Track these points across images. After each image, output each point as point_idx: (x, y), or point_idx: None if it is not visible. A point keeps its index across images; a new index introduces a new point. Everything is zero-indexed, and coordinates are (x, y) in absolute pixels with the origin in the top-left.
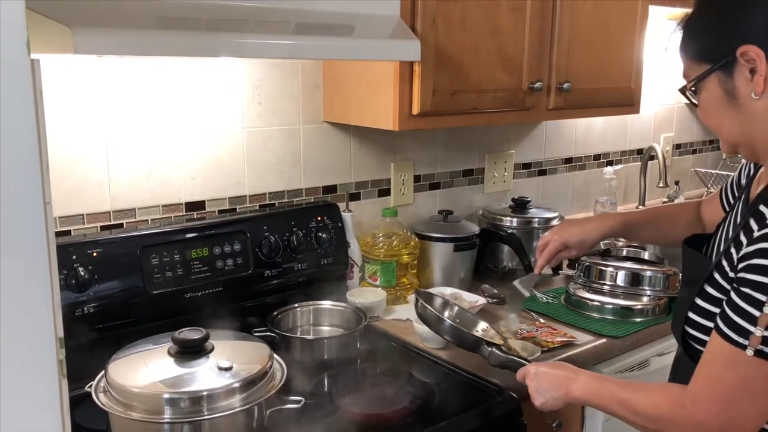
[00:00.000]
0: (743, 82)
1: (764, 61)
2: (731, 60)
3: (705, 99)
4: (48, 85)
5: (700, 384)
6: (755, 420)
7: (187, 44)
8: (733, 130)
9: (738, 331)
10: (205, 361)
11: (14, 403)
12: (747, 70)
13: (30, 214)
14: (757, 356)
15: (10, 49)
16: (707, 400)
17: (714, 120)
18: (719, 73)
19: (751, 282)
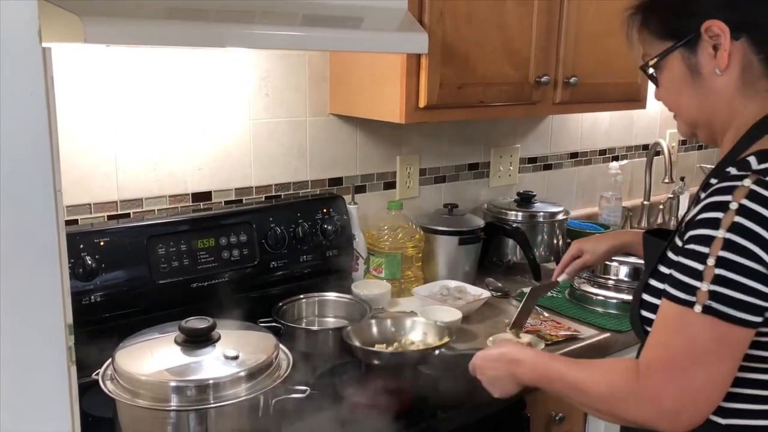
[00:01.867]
0: (707, 58)
1: (728, 36)
2: (695, 36)
3: (666, 77)
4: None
5: (651, 353)
6: (707, 388)
7: (195, 35)
8: (693, 108)
9: (685, 289)
10: (211, 350)
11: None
12: (710, 46)
13: (41, 202)
14: (705, 313)
15: (22, 38)
16: (659, 370)
17: (674, 98)
18: (683, 49)
19: (695, 237)
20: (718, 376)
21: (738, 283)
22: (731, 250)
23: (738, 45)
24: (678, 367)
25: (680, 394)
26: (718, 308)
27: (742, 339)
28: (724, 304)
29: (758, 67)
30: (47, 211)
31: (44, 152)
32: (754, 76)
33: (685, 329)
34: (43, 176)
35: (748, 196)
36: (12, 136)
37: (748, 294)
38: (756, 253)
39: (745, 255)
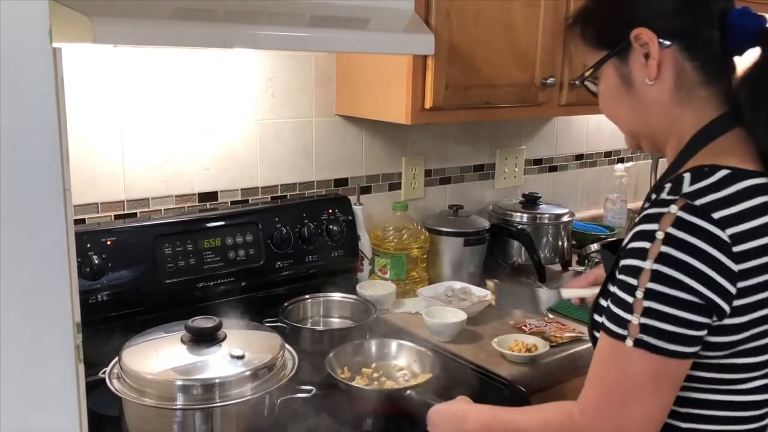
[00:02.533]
0: (638, 67)
1: (656, 44)
2: (626, 45)
3: (603, 87)
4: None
5: (587, 389)
6: (643, 423)
7: (203, 35)
8: (631, 118)
9: (617, 322)
10: (217, 349)
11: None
12: (641, 55)
13: (50, 201)
14: (636, 347)
15: (33, 38)
16: (593, 406)
17: (611, 109)
18: (615, 59)
19: (625, 268)
20: (654, 410)
21: (667, 314)
22: (659, 281)
23: (669, 52)
24: (613, 403)
25: (618, 428)
26: (648, 341)
27: (676, 371)
28: (655, 337)
29: (693, 75)
30: (56, 210)
31: (54, 152)
32: (689, 83)
33: (618, 364)
34: (53, 175)
35: (674, 223)
36: (22, 136)
37: (679, 325)
38: (685, 283)
39: (674, 286)
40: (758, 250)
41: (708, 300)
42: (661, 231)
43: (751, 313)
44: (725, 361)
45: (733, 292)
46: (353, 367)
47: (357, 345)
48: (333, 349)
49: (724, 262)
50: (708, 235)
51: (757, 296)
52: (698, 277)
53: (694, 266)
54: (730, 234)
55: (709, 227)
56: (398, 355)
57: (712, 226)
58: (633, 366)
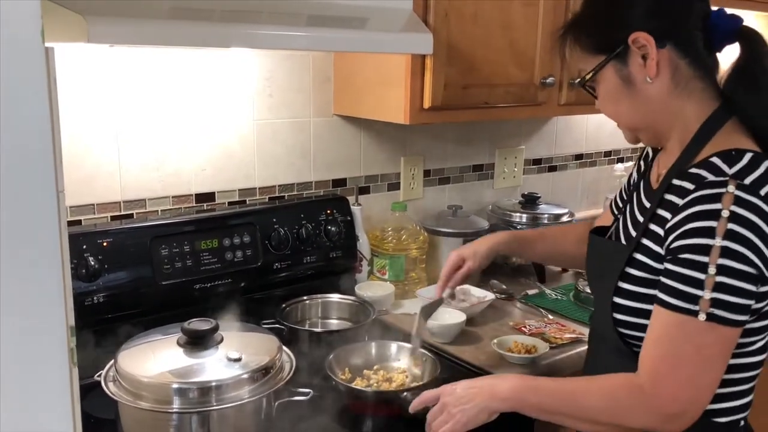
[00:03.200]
0: (637, 68)
1: (654, 45)
2: (624, 48)
3: (603, 89)
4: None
5: (657, 363)
6: (713, 388)
7: (199, 35)
8: (632, 115)
9: (685, 298)
10: (214, 351)
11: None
12: (639, 56)
13: (43, 203)
14: (709, 320)
15: (25, 37)
16: (668, 379)
17: (613, 108)
18: (615, 62)
19: (689, 246)
20: (719, 376)
21: (736, 288)
22: (730, 257)
23: (664, 52)
24: (687, 375)
25: (692, 398)
26: (720, 314)
27: (735, 338)
28: (726, 310)
29: (687, 70)
30: (49, 212)
31: (47, 153)
32: (685, 78)
33: (690, 338)
34: (46, 177)
35: (736, 202)
36: (14, 137)
37: (744, 297)
38: (748, 257)
39: (742, 260)
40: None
41: (760, 271)
42: (726, 210)
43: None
44: (748, 326)
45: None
46: (353, 369)
47: (357, 347)
48: (332, 351)
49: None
50: (761, 212)
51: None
52: (757, 251)
53: (754, 242)
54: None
55: (761, 204)
56: (398, 357)
57: (762, 203)
58: (706, 339)
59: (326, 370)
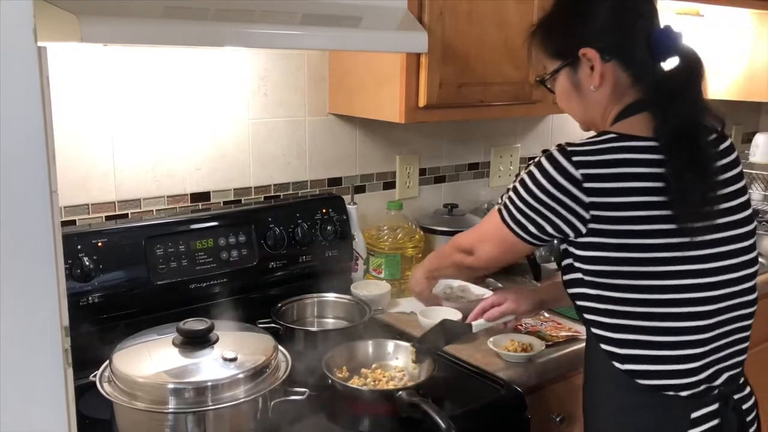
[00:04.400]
0: (585, 76)
1: (598, 60)
2: (576, 59)
3: (559, 88)
4: (54, 75)
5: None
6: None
7: (193, 34)
8: (580, 113)
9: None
10: (209, 351)
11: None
12: (588, 67)
13: (36, 203)
14: (498, 212)
15: (17, 37)
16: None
17: (565, 104)
18: (567, 69)
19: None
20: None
21: (516, 204)
22: (520, 184)
23: (609, 65)
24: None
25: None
26: (503, 213)
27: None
28: (506, 214)
29: (627, 80)
30: (43, 213)
31: (39, 153)
32: (624, 86)
33: (491, 216)
34: (39, 177)
35: (546, 156)
36: (7, 137)
37: (521, 215)
38: (534, 192)
39: (526, 190)
40: (617, 190)
41: (559, 215)
42: (539, 158)
43: (622, 238)
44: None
45: (587, 216)
46: (349, 368)
47: (353, 346)
48: (329, 351)
49: (575, 192)
50: (562, 170)
51: (624, 226)
52: (548, 194)
53: (545, 186)
54: (583, 173)
55: (565, 164)
56: (395, 356)
57: (569, 165)
58: (493, 223)
59: (322, 370)
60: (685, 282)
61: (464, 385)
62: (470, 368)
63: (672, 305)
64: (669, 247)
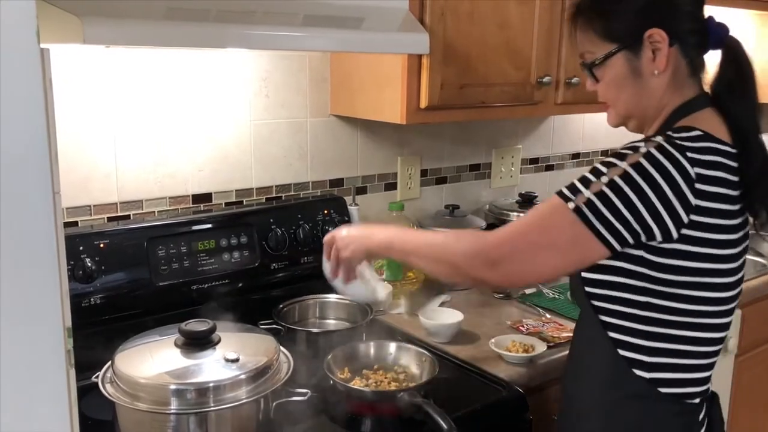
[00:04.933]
0: (646, 61)
1: (667, 43)
2: (638, 41)
3: (609, 75)
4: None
5: (509, 225)
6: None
7: (195, 35)
8: (631, 103)
9: (571, 189)
10: (211, 352)
11: (22, 392)
12: (650, 51)
13: (39, 204)
14: (575, 212)
15: (20, 38)
16: (509, 232)
17: (614, 94)
18: (626, 52)
19: (603, 161)
20: (553, 266)
21: (615, 206)
22: (625, 180)
23: (672, 50)
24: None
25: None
26: (586, 214)
27: (590, 251)
28: (594, 215)
29: (685, 69)
30: (45, 214)
31: (42, 154)
32: (682, 75)
33: (550, 215)
34: (41, 178)
35: (656, 146)
36: (9, 138)
37: (619, 220)
38: (645, 193)
39: (635, 190)
40: (719, 196)
41: (658, 217)
42: (644, 148)
43: (704, 247)
44: (686, 291)
45: (685, 221)
46: (351, 369)
47: (355, 347)
48: (330, 352)
49: (685, 191)
50: (679, 166)
51: (712, 235)
52: (659, 194)
53: (659, 184)
54: (696, 172)
55: (681, 160)
56: (397, 357)
57: (684, 160)
58: (561, 223)
59: (324, 371)
60: (720, 295)
61: (466, 386)
62: (472, 369)
63: (705, 316)
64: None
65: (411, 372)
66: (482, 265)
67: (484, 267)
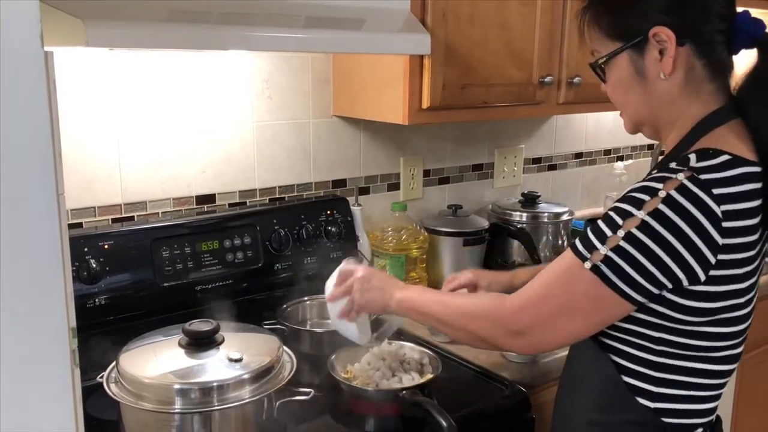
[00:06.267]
0: (652, 62)
1: (674, 43)
2: (643, 40)
3: (615, 75)
4: (60, 79)
5: (529, 288)
6: (561, 337)
7: (198, 37)
8: (639, 107)
9: (586, 245)
10: (215, 352)
11: (27, 392)
12: (657, 50)
13: (43, 205)
14: (592, 271)
15: (23, 42)
16: (529, 302)
17: (621, 97)
18: (631, 51)
19: (615, 208)
20: (577, 330)
21: (635, 260)
22: (643, 231)
23: (682, 50)
24: (547, 308)
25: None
26: (605, 272)
27: (614, 309)
28: (613, 272)
29: (701, 72)
30: (50, 215)
31: (46, 156)
32: (697, 79)
33: (568, 280)
34: (46, 180)
35: (678, 188)
36: (14, 140)
37: (641, 274)
38: (669, 242)
39: (656, 240)
40: (743, 229)
41: (684, 264)
42: (663, 191)
43: (728, 284)
44: (703, 329)
45: (713, 262)
46: (354, 368)
47: (358, 347)
48: (334, 352)
49: (712, 233)
50: (705, 207)
51: (735, 270)
52: (684, 241)
53: (683, 230)
54: (723, 210)
55: (707, 200)
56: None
57: (710, 200)
58: (581, 287)
59: (327, 370)
60: (736, 329)
61: (469, 385)
62: (474, 368)
63: (720, 350)
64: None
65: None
66: (506, 336)
67: (508, 338)
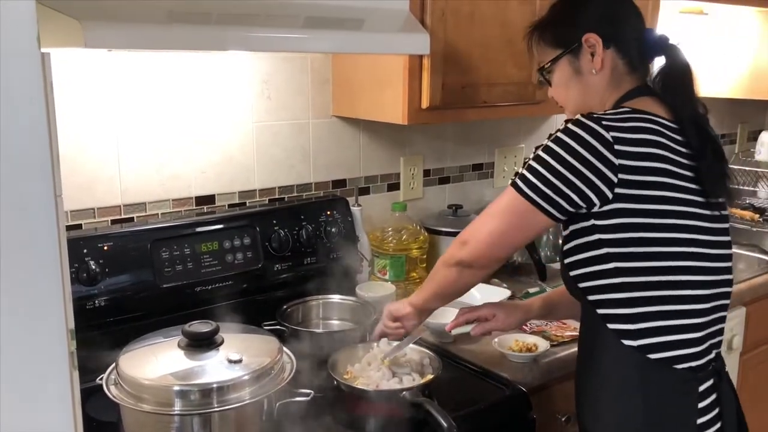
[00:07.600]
0: (586, 62)
1: (601, 45)
2: (578, 45)
3: (558, 77)
4: (59, 80)
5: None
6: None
7: (196, 38)
8: (578, 99)
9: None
10: (215, 353)
11: (26, 394)
12: (589, 53)
13: (41, 207)
14: (511, 185)
15: (20, 43)
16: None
17: (563, 93)
18: (569, 55)
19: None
20: (494, 230)
21: (539, 172)
22: (546, 152)
23: (608, 52)
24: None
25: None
26: (518, 183)
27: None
28: (524, 183)
29: (623, 68)
30: (47, 217)
31: (44, 158)
32: (619, 73)
33: (500, 198)
34: (43, 182)
35: (574, 122)
36: (11, 142)
37: (545, 183)
38: (562, 157)
39: (554, 157)
40: (639, 155)
41: (586, 179)
42: (564, 125)
43: (646, 203)
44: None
45: (615, 180)
46: (354, 369)
47: (358, 347)
48: (334, 352)
49: (604, 153)
50: (594, 132)
51: (649, 192)
52: (578, 157)
53: (576, 150)
54: (613, 136)
55: (596, 126)
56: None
57: (599, 127)
58: (504, 198)
59: (328, 371)
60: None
61: (469, 385)
62: (475, 368)
63: (682, 272)
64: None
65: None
66: (458, 249)
67: (458, 249)
